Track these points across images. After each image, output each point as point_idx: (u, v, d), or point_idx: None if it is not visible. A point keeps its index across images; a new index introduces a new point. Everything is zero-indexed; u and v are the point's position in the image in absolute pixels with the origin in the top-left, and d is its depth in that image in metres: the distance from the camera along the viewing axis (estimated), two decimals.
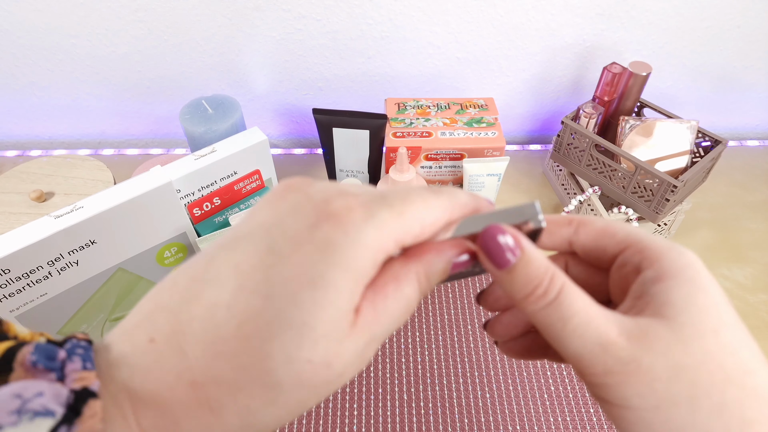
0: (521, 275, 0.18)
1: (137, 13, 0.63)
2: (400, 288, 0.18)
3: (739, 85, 0.77)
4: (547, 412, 0.48)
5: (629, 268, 0.20)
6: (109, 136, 0.77)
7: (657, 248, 0.20)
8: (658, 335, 0.17)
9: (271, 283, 0.16)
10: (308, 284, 0.16)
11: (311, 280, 0.16)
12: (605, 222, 0.22)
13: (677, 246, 0.20)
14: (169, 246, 0.49)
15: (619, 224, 0.22)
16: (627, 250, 0.21)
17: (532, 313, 0.19)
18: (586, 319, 0.18)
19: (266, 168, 0.53)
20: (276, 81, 0.71)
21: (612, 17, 0.67)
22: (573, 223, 0.23)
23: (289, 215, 0.17)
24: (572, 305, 0.18)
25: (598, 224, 0.22)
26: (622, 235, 0.21)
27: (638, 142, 0.61)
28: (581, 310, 0.18)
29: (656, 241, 0.20)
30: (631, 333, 0.18)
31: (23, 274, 0.40)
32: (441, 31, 0.67)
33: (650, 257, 0.20)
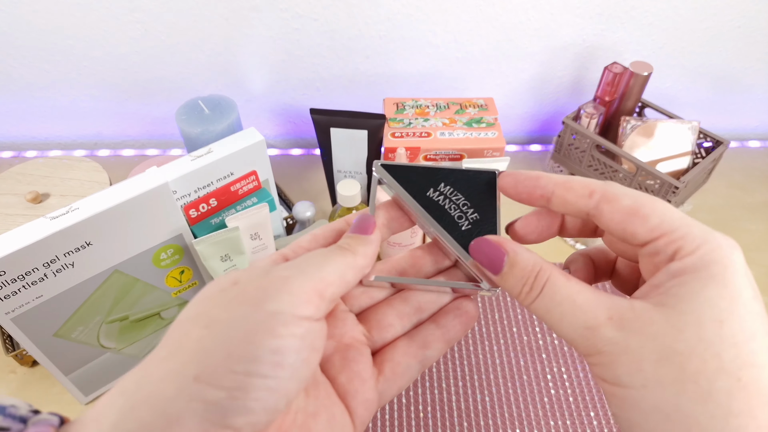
0: (511, 276, 0.21)
1: (134, 14, 0.63)
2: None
3: (740, 86, 0.77)
4: (546, 416, 0.48)
5: (662, 257, 0.19)
6: (105, 137, 0.77)
7: (693, 240, 0.18)
8: (650, 319, 0.18)
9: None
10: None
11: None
12: (634, 199, 0.19)
13: (715, 238, 0.18)
14: (165, 248, 0.48)
15: (650, 204, 0.19)
16: (660, 238, 0.19)
17: (527, 308, 0.21)
18: (571, 306, 0.19)
19: (263, 169, 0.53)
20: (273, 81, 0.71)
21: (612, 17, 0.67)
22: (594, 195, 0.20)
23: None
24: (556, 294, 0.19)
25: (626, 202, 0.19)
26: (655, 221, 0.19)
27: (639, 142, 0.61)
28: (566, 298, 0.19)
29: (693, 232, 0.18)
30: (623, 315, 0.18)
31: (19, 276, 0.40)
32: (440, 31, 0.67)
33: (684, 250, 0.18)
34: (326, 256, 0.20)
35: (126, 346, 0.51)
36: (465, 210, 0.24)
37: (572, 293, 0.19)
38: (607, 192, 0.20)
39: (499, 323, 0.55)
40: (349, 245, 0.21)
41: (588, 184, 0.20)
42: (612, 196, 0.20)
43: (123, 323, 0.50)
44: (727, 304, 0.17)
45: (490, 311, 0.56)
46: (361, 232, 0.22)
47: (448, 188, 0.24)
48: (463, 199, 0.24)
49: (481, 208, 0.24)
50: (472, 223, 0.24)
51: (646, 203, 0.19)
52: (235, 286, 0.19)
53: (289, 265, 0.19)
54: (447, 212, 0.24)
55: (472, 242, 0.22)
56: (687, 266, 0.18)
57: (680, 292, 0.18)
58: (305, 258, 0.20)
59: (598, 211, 0.20)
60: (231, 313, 0.17)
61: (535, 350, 0.53)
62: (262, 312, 0.17)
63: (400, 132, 0.61)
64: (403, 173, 0.24)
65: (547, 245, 0.57)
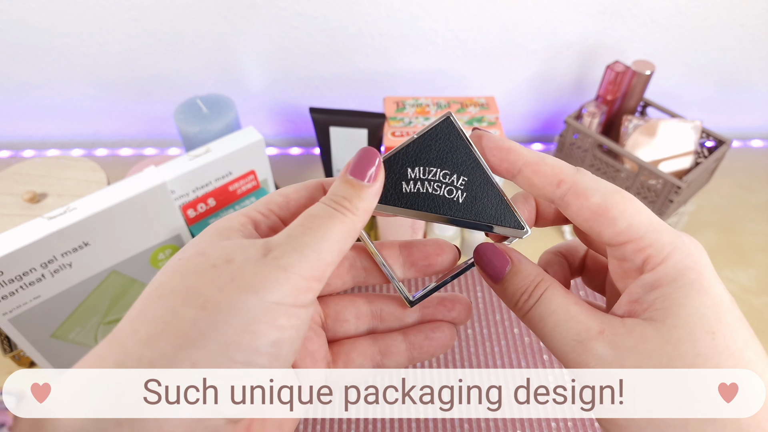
0: (511, 285, 0.20)
1: (131, 12, 0.62)
2: (303, 211, 0.20)
3: (743, 84, 0.76)
4: (548, 417, 0.48)
5: (629, 265, 0.19)
6: (102, 136, 0.77)
7: (661, 248, 0.18)
8: (644, 336, 0.17)
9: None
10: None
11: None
12: (603, 197, 0.18)
13: (684, 244, 0.18)
14: (163, 248, 0.48)
15: (619, 204, 0.18)
16: (628, 244, 0.18)
17: (521, 318, 0.20)
18: (566, 316, 0.19)
19: (262, 168, 0.53)
20: (272, 79, 0.71)
21: (614, 15, 0.66)
22: (562, 185, 0.19)
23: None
24: (552, 303, 0.19)
25: (594, 199, 0.18)
26: (622, 225, 0.18)
27: (642, 142, 0.61)
28: (561, 307, 0.19)
29: (661, 239, 0.18)
30: (615, 330, 0.18)
31: (16, 276, 0.40)
32: (441, 29, 0.66)
33: (654, 259, 0.18)
34: (324, 228, 0.18)
35: None
36: (449, 180, 0.21)
37: (568, 304, 0.19)
38: (576, 185, 0.19)
39: (500, 324, 0.55)
40: (347, 202, 0.19)
41: (557, 172, 0.19)
42: (581, 191, 0.19)
43: None
44: (714, 313, 0.17)
45: (491, 313, 0.56)
46: (363, 176, 0.19)
47: (418, 169, 0.21)
48: (439, 170, 0.21)
49: (461, 167, 0.21)
50: (466, 189, 0.21)
51: (614, 204, 0.18)
52: (229, 264, 0.17)
53: (286, 246, 0.17)
54: (434, 195, 0.21)
55: (476, 247, 0.21)
56: (661, 277, 0.18)
57: (665, 305, 0.17)
58: (300, 231, 0.18)
59: (564, 203, 0.19)
60: (230, 297, 0.16)
61: (537, 352, 0.53)
62: (264, 302, 0.16)
63: (401, 131, 0.60)
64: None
65: (545, 237, 0.57)
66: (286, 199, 0.21)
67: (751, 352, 0.17)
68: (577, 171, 0.19)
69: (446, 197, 0.21)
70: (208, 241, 0.18)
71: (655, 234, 0.18)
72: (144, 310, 0.17)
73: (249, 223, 0.20)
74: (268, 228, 0.20)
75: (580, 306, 0.19)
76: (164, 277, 0.17)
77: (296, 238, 0.18)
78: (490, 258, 0.21)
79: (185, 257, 0.18)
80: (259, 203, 0.21)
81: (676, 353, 0.17)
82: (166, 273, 0.18)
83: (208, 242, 0.18)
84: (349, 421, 0.47)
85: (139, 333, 0.16)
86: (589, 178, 0.19)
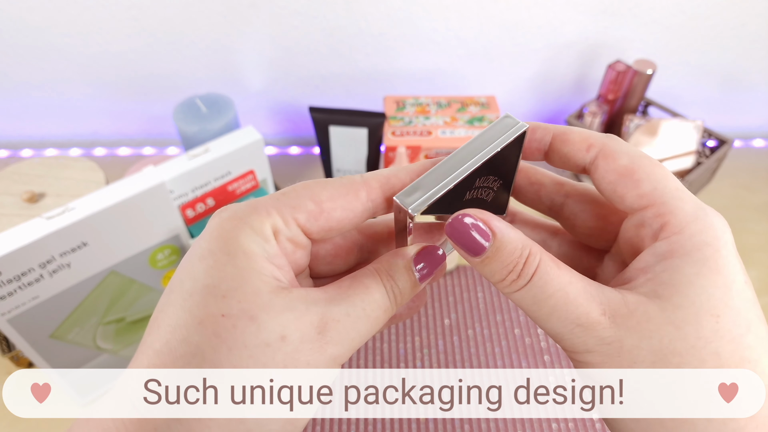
0: (494, 261, 0.17)
1: (130, 11, 0.62)
2: (358, 279, 0.18)
3: (744, 84, 0.76)
4: (548, 418, 0.48)
5: (647, 231, 0.18)
6: (101, 136, 0.77)
7: (682, 218, 0.17)
8: (647, 315, 0.16)
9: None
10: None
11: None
12: (631, 159, 0.18)
13: (707, 215, 0.17)
14: (162, 248, 0.48)
15: (647, 168, 0.18)
16: (649, 208, 0.18)
17: (508, 295, 0.18)
18: (564, 300, 0.17)
19: (261, 168, 0.52)
20: (271, 79, 0.70)
21: (615, 14, 0.66)
22: (592, 149, 0.19)
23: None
24: (548, 286, 0.17)
25: (622, 161, 0.18)
26: (647, 187, 0.18)
27: (643, 141, 0.60)
28: (558, 290, 0.17)
29: (683, 208, 0.17)
30: (617, 311, 0.17)
31: (14, 276, 0.40)
32: (441, 28, 0.66)
33: (672, 227, 0.17)
34: (377, 322, 0.18)
35: (123, 348, 0.51)
36: (493, 185, 0.21)
37: (564, 284, 0.17)
38: (605, 147, 0.18)
39: (501, 325, 0.55)
40: (400, 294, 0.18)
41: (587, 137, 0.19)
42: (609, 152, 0.18)
43: (119, 325, 0.49)
44: (722, 294, 0.16)
45: (492, 313, 0.56)
46: (425, 277, 0.19)
47: (482, 179, 0.20)
48: (493, 178, 0.20)
49: (504, 173, 0.21)
50: (495, 191, 0.21)
51: (642, 166, 0.18)
52: (283, 344, 0.16)
53: (342, 331, 0.17)
54: (480, 200, 0.20)
55: (451, 221, 0.18)
56: (675, 247, 0.17)
57: (673, 280, 0.17)
58: (359, 315, 0.17)
59: (594, 166, 0.19)
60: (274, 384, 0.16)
61: (537, 353, 0.53)
62: (306, 389, 0.17)
63: (401, 130, 0.60)
64: (442, 203, 0.18)
65: None
66: (318, 208, 0.18)
67: (752, 337, 0.16)
68: (606, 135, 0.19)
69: (484, 200, 0.21)
70: (252, 289, 0.16)
71: (679, 202, 0.17)
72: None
73: (272, 237, 0.17)
74: (288, 240, 0.18)
75: (576, 284, 0.17)
76: (204, 338, 0.15)
77: (353, 323, 0.17)
78: (468, 237, 0.17)
79: (231, 317, 0.15)
80: (284, 204, 0.17)
81: (679, 334, 0.16)
82: (207, 332, 0.15)
83: (253, 292, 0.16)
84: (349, 421, 0.47)
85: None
86: (619, 142, 0.19)
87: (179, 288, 0.16)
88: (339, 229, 0.18)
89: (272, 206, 0.17)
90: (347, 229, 0.19)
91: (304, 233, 0.18)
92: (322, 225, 0.18)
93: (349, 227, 0.19)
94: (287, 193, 0.18)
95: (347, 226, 0.18)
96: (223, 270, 0.16)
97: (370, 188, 0.18)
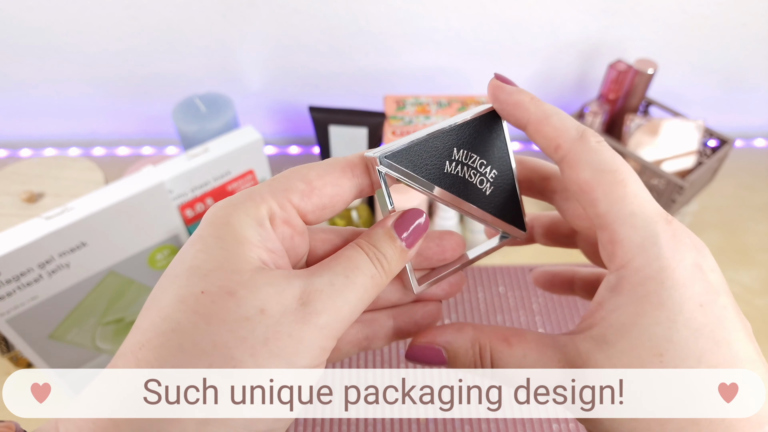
0: (458, 364, 0.20)
1: (129, 10, 0.62)
2: (340, 253, 0.18)
3: (746, 84, 0.76)
4: (548, 418, 0.47)
5: (604, 254, 0.18)
6: (100, 136, 0.76)
7: (628, 249, 0.17)
8: (596, 365, 0.17)
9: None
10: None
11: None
12: (593, 172, 0.17)
13: (655, 244, 0.16)
14: (161, 248, 0.48)
15: (606, 184, 0.17)
16: (603, 231, 0.17)
17: None
18: (524, 373, 0.19)
19: (261, 168, 0.52)
20: (271, 78, 0.70)
21: (616, 13, 0.66)
22: (560, 150, 0.18)
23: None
24: (508, 365, 0.19)
25: (583, 175, 0.17)
26: (602, 208, 0.17)
27: (644, 141, 0.60)
28: (516, 366, 0.19)
29: (631, 238, 0.17)
30: (574, 363, 0.18)
31: (13, 276, 0.40)
32: (441, 27, 0.66)
33: (618, 259, 0.17)
34: (364, 288, 0.17)
35: None
36: (483, 170, 0.21)
37: (519, 360, 0.19)
38: (570, 153, 0.18)
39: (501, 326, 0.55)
40: (388, 264, 0.18)
41: (557, 135, 0.18)
42: (574, 161, 0.18)
43: (118, 325, 0.49)
44: (665, 330, 0.16)
45: (492, 314, 0.56)
46: (411, 244, 0.19)
47: (462, 152, 0.21)
48: (479, 158, 0.21)
49: (496, 161, 0.21)
50: (493, 183, 0.21)
51: (601, 184, 0.17)
52: (263, 317, 0.15)
53: (327, 300, 0.17)
54: (469, 182, 0.21)
55: (406, 353, 0.21)
56: (622, 282, 0.17)
57: (618, 323, 0.17)
58: (343, 283, 0.17)
59: (561, 169, 0.18)
60: (260, 363, 0.15)
61: None
62: (292, 370, 0.16)
63: (401, 130, 0.60)
64: (411, 157, 0.19)
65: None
66: (308, 186, 0.18)
67: (704, 369, 0.16)
68: (579, 137, 0.18)
69: (477, 187, 0.21)
70: (231, 265, 0.16)
71: (628, 229, 0.17)
72: (164, 357, 0.15)
73: (266, 219, 0.17)
74: (283, 221, 0.18)
75: (530, 356, 0.19)
76: (183, 315, 0.15)
77: (338, 291, 0.17)
78: (425, 358, 0.20)
79: (210, 293, 0.15)
80: (277, 188, 0.18)
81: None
82: (186, 309, 0.15)
83: (231, 265, 0.16)
84: (349, 421, 0.47)
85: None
86: (587, 149, 0.18)
87: (169, 272, 0.17)
88: (332, 207, 0.19)
89: (266, 191, 0.18)
90: (339, 207, 0.19)
91: (299, 215, 0.18)
92: (316, 203, 0.18)
93: (341, 204, 0.19)
94: (278, 178, 0.18)
95: (339, 203, 0.19)
96: (209, 252, 0.16)
97: (354, 164, 0.19)
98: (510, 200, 0.22)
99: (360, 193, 0.19)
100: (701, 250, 0.17)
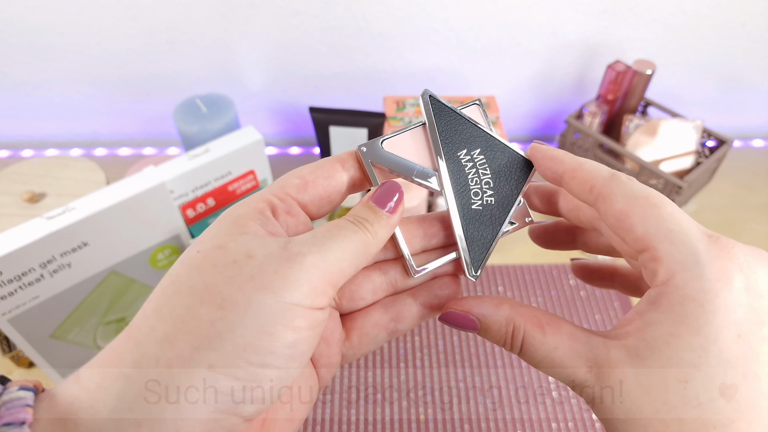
0: (487, 336, 0.21)
1: (130, 11, 0.62)
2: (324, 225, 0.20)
3: (744, 84, 0.76)
4: (548, 418, 0.48)
5: (647, 273, 0.18)
6: (101, 136, 0.76)
7: (670, 266, 0.17)
8: (623, 375, 0.17)
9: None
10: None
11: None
12: (626, 202, 0.18)
13: (699, 264, 0.16)
14: (162, 248, 0.48)
15: (639, 210, 0.18)
16: (645, 252, 0.18)
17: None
18: (551, 364, 0.19)
19: (261, 168, 0.53)
20: (271, 79, 0.70)
21: (615, 14, 0.66)
22: (593, 191, 0.19)
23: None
24: (536, 353, 0.19)
25: (617, 205, 0.18)
26: (639, 231, 0.17)
27: (643, 141, 0.60)
28: (545, 356, 0.19)
29: (673, 255, 0.17)
30: (601, 366, 0.18)
31: (15, 276, 0.40)
32: (441, 28, 0.66)
33: (659, 276, 0.17)
34: (348, 239, 0.18)
35: None
36: (485, 189, 0.22)
37: (549, 351, 0.19)
38: (603, 189, 0.19)
39: None
40: (369, 224, 0.19)
41: (591, 177, 0.19)
42: (607, 195, 0.18)
43: (120, 325, 0.49)
44: (695, 358, 0.16)
45: None
46: (384, 205, 0.20)
47: (481, 158, 0.22)
48: (488, 176, 0.22)
49: (501, 195, 0.22)
50: (483, 206, 0.22)
51: (635, 209, 0.18)
52: (249, 260, 0.17)
53: (311, 245, 0.18)
54: (467, 183, 0.22)
55: (441, 316, 0.22)
56: (661, 299, 0.17)
57: (652, 339, 0.17)
58: (325, 235, 0.18)
59: (597, 208, 0.19)
60: (248, 296, 0.16)
61: None
62: (281, 302, 0.16)
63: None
64: (448, 116, 0.22)
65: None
66: (302, 181, 0.20)
67: (721, 402, 0.16)
68: (611, 176, 0.19)
69: (470, 193, 0.22)
70: (226, 233, 0.18)
71: (669, 246, 0.17)
72: (161, 306, 0.17)
73: (266, 209, 0.19)
74: (286, 212, 0.19)
75: (561, 348, 0.19)
76: (181, 269, 0.17)
77: (320, 240, 0.18)
78: (458, 324, 0.21)
79: (204, 250, 0.17)
80: (274, 186, 0.20)
81: (647, 399, 0.16)
82: (184, 266, 0.17)
83: (227, 234, 0.18)
84: (349, 421, 0.47)
85: (157, 332, 0.16)
86: (618, 182, 0.19)
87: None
88: (329, 198, 0.20)
89: (266, 190, 0.20)
90: (336, 197, 0.21)
91: (300, 207, 0.20)
92: (312, 194, 0.20)
93: (336, 195, 0.21)
94: (275, 181, 0.21)
95: (335, 195, 0.21)
96: (210, 231, 0.18)
97: (344, 159, 0.21)
98: (486, 230, 0.22)
99: (353, 185, 0.21)
100: (756, 271, 0.17)
